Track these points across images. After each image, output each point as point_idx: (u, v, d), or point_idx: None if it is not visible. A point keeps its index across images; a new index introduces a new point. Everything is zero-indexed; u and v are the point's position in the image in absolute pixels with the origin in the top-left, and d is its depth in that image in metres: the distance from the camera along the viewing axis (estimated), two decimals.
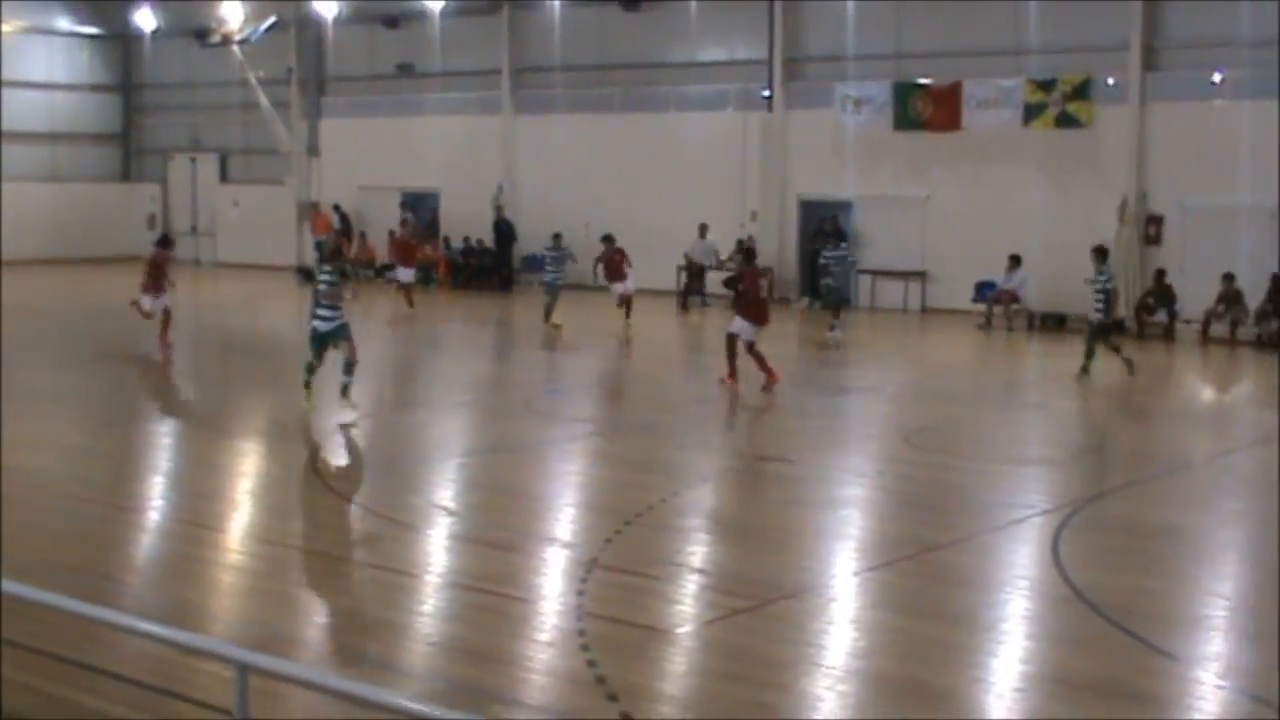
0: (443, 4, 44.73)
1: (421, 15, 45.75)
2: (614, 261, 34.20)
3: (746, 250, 27.48)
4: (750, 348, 24.25)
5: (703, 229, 39.89)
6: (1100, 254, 27.28)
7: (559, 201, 42.84)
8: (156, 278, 28.54)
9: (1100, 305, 26.63)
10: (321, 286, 21.36)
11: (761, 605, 12.69)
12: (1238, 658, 11.96)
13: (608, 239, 34.59)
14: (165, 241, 31.54)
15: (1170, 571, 14.55)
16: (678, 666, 11.40)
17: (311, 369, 21.34)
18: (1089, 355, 26.91)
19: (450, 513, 16.42)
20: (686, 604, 12.97)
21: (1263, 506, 17.66)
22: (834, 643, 12.03)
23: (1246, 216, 33.92)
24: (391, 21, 47.17)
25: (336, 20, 47.08)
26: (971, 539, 15.37)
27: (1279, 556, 15.03)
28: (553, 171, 44.72)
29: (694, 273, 40.38)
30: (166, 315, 28.63)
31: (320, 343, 21.21)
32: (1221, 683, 11.22)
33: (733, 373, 24.18)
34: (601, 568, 13.71)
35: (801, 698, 10.57)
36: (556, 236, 35.00)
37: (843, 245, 35.22)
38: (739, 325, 24.32)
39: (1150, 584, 13.89)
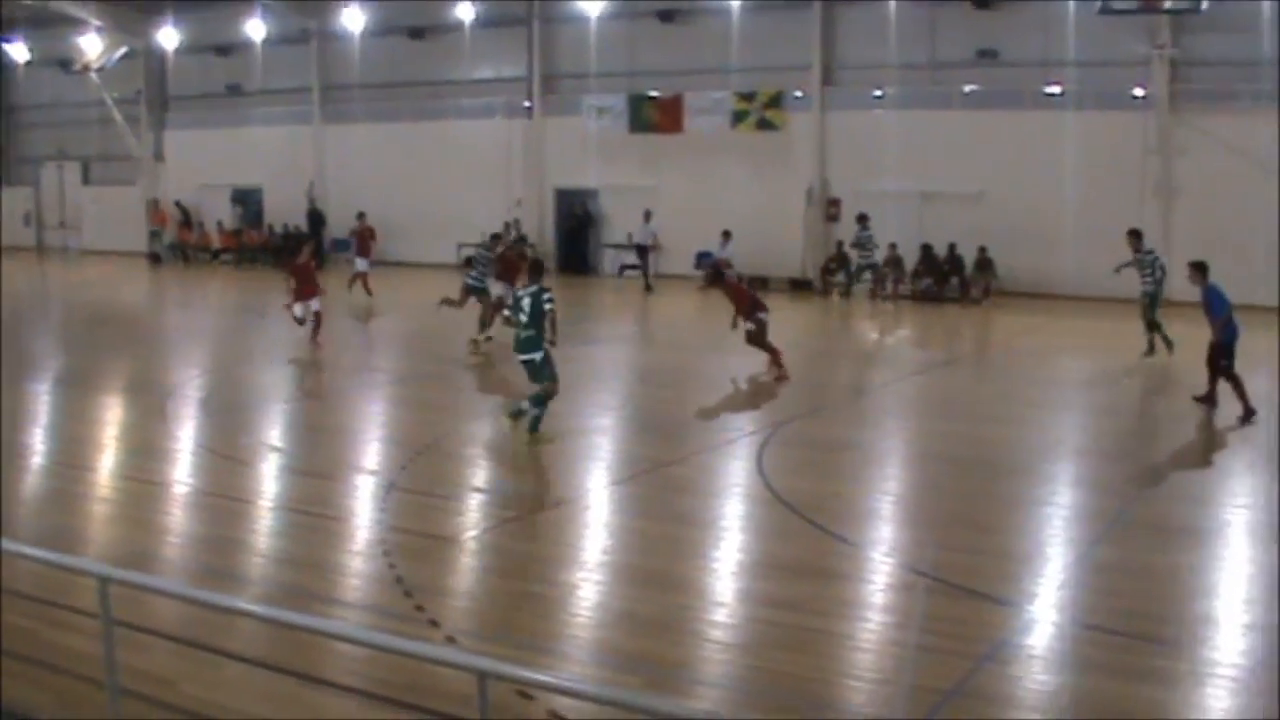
0: (264, 35, 43.89)
1: (247, 44, 44.89)
2: (364, 237, 33.94)
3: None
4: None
5: (647, 215, 37.95)
6: (1136, 235, 24.24)
7: (360, 194, 42.24)
8: None
9: (1150, 279, 23.73)
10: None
11: (528, 515, 12.76)
12: (899, 539, 12.37)
13: (360, 216, 34.88)
14: None
15: (848, 476, 14.90)
16: (461, 566, 11.40)
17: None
18: (1152, 328, 23.53)
19: (276, 449, 16.16)
20: (468, 516, 12.95)
21: (919, 424, 18.23)
22: (588, 543, 12.14)
23: (902, 199, 34.86)
24: (222, 50, 46.35)
25: (177, 50, 46.02)
26: (694, 456, 15.55)
27: (931, 462, 15.60)
28: (355, 170, 44.22)
29: (640, 252, 38.23)
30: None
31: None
32: (887, 559, 11.57)
33: None
34: (399, 490, 13.64)
35: (562, 587, 10.63)
36: (494, 237, 31.51)
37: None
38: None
39: (833, 487, 14.22)
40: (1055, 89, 33.34)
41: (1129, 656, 9.25)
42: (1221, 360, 17.99)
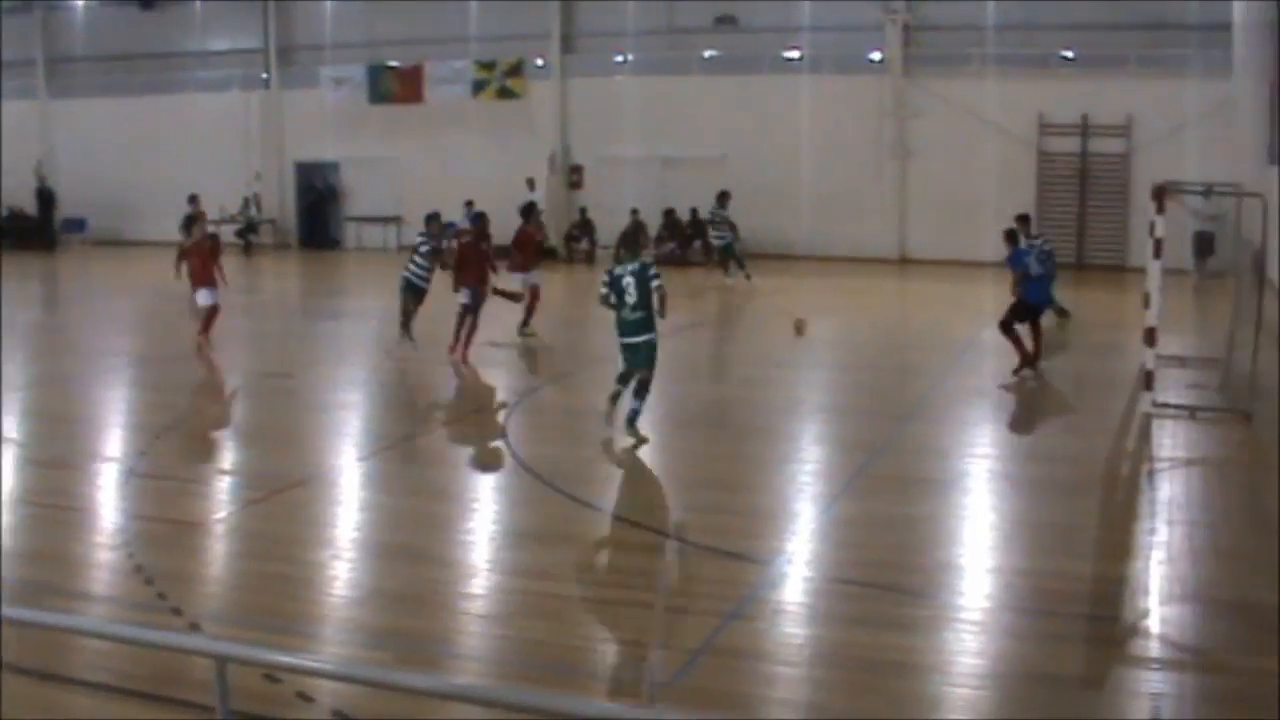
0: None
1: None
2: None
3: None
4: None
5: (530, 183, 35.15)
6: (1024, 221, 21.45)
7: (94, 171, 40.80)
8: None
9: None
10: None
11: (273, 495, 12.46)
12: (646, 503, 12.56)
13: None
14: None
15: (594, 442, 14.99)
16: (205, 551, 11.07)
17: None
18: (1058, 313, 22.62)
19: (10, 440, 15.46)
20: (211, 499, 12.58)
21: (666, 386, 18.33)
22: (335, 521, 11.91)
23: (644, 165, 35.25)
24: None
25: None
26: (441, 428, 15.53)
27: (678, 424, 15.82)
28: (86, 146, 42.28)
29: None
30: None
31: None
32: (635, 523, 11.74)
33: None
34: (139, 475, 13.22)
35: (309, 567, 10.43)
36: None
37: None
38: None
39: (580, 453, 14.30)
40: (794, 54, 34.17)
41: (875, 606, 9.57)
42: (1012, 317, 18.47)
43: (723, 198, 29.61)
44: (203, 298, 20.32)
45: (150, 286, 29.73)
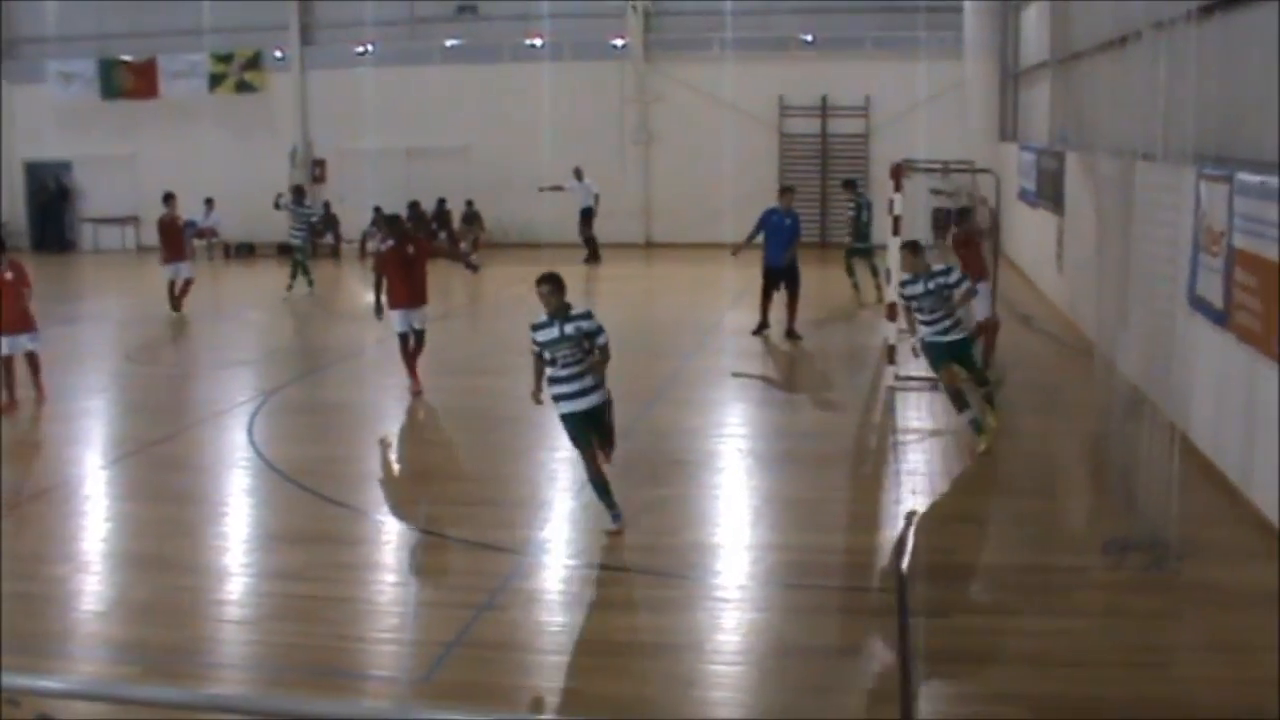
0: None
1: None
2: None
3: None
4: None
5: (578, 172, 32.34)
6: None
7: None
8: None
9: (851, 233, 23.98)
10: None
11: (11, 510, 11.95)
12: (395, 498, 12.51)
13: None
14: None
15: (341, 439, 14.85)
16: None
17: None
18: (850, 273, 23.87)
19: None
20: None
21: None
22: (77, 532, 11.52)
23: (387, 156, 34.92)
24: None
25: None
26: (185, 431, 15.13)
27: (427, 417, 15.78)
28: None
29: (584, 218, 32.49)
30: None
31: None
32: (385, 519, 11.68)
33: None
34: None
35: (51, 582, 10.03)
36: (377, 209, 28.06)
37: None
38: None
39: (326, 451, 14.18)
40: (535, 41, 34.27)
41: (630, 589, 9.78)
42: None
43: (298, 192, 28.61)
44: None
45: None
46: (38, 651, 8.63)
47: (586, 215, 32.34)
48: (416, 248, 16.96)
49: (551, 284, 10.86)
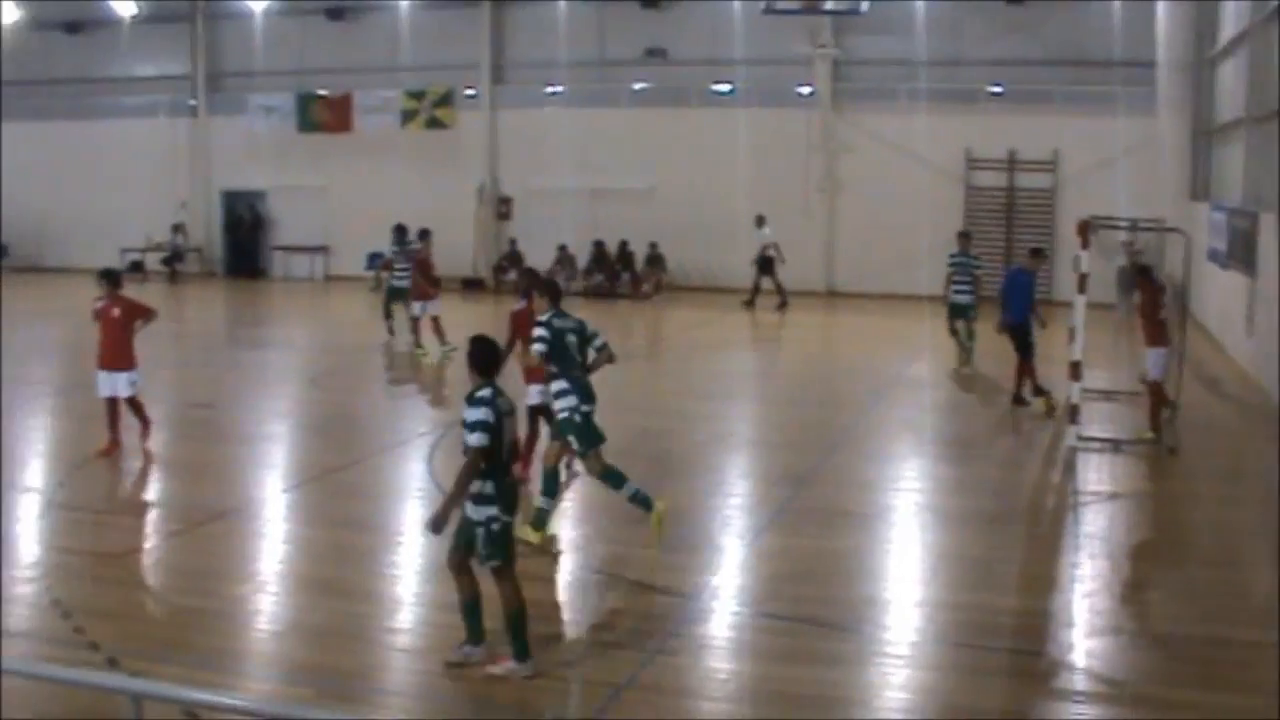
0: None
1: None
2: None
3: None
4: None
5: (760, 220, 31.91)
6: (965, 238, 22.62)
7: (15, 197, 40.10)
8: None
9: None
10: None
11: (195, 528, 12.32)
12: (574, 537, 12.47)
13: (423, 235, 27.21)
14: None
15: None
16: (125, 584, 10.90)
17: None
18: (953, 333, 21.98)
19: None
20: (131, 532, 12.40)
21: None
22: (257, 554, 11.83)
23: (573, 196, 35.29)
24: None
25: None
26: (366, 460, 15.38)
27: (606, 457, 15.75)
28: (8, 172, 40.57)
29: (762, 265, 31.88)
30: None
31: None
32: (564, 557, 11.65)
33: None
34: (59, 507, 13.03)
35: (231, 601, 10.31)
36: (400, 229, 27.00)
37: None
38: None
39: None
40: (724, 86, 34.41)
41: (799, 640, 9.61)
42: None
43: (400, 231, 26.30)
44: None
45: (73, 314, 29.28)
46: (214, 667, 8.82)
47: (764, 264, 31.76)
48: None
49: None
